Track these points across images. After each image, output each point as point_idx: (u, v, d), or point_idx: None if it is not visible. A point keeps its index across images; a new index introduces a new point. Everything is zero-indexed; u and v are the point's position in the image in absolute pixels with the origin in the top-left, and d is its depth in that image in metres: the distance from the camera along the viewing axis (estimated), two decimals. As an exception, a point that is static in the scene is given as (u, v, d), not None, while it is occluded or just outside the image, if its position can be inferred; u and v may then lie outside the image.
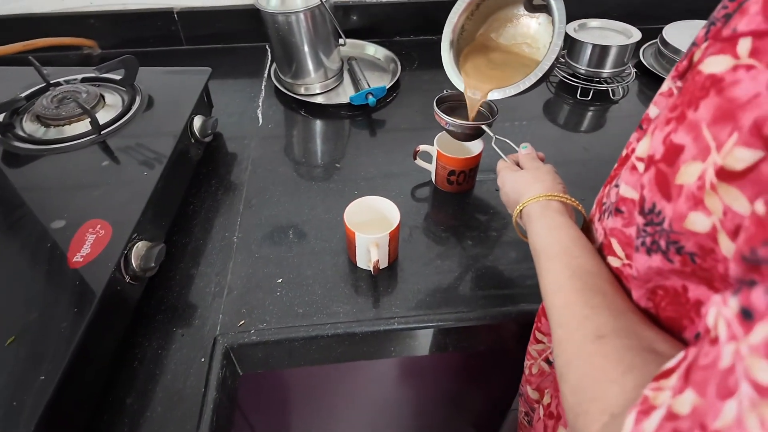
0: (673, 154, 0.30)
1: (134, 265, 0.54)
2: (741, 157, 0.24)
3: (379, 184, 0.77)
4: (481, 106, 0.69)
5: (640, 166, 0.34)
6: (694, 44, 0.34)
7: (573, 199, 0.50)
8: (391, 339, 0.59)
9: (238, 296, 0.60)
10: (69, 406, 0.44)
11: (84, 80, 0.78)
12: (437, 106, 0.67)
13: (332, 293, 0.61)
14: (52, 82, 0.75)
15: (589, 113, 0.96)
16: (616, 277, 0.40)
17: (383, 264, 0.62)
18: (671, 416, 0.23)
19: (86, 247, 0.52)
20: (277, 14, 0.84)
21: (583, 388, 0.33)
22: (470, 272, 0.63)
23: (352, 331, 0.56)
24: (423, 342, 0.60)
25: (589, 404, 0.31)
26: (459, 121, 0.65)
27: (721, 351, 0.22)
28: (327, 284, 0.62)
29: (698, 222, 0.27)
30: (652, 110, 0.40)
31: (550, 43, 0.60)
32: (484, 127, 0.65)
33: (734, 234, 0.25)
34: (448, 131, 0.69)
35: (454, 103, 0.70)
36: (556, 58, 0.60)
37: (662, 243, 0.31)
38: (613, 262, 0.40)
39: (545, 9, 0.62)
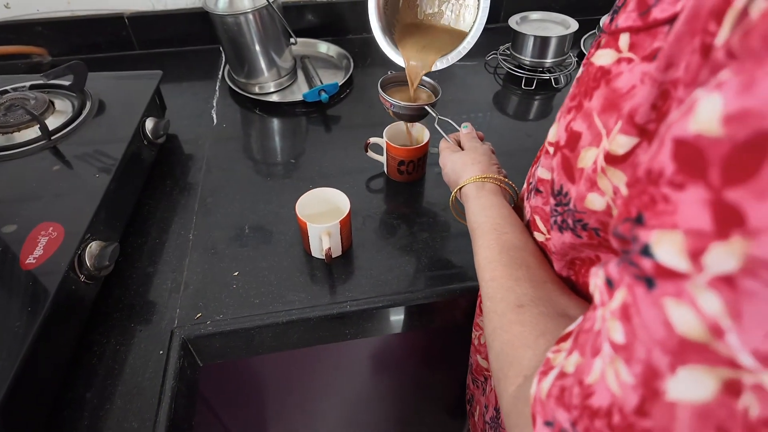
0: (573, 140, 0.33)
1: (88, 265, 0.55)
2: (622, 143, 0.27)
3: (334, 178, 0.79)
4: (424, 86, 0.71)
5: (551, 150, 0.38)
6: (603, 31, 0.38)
7: (506, 180, 0.53)
8: (344, 322, 0.61)
9: (195, 291, 0.62)
10: (26, 401, 0.45)
11: (32, 87, 0.78)
12: (381, 87, 0.69)
13: (288, 283, 0.63)
14: (-1, 90, 0.75)
15: (536, 102, 1.00)
16: (542, 250, 0.43)
17: (336, 252, 0.65)
18: (561, 375, 0.26)
19: (39, 249, 0.53)
20: (226, 16, 0.85)
21: (504, 354, 0.36)
22: (420, 255, 0.66)
23: (306, 316, 0.59)
24: (376, 323, 0.63)
25: (508, 369, 0.34)
26: (403, 103, 0.66)
27: (595, 315, 0.25)
28: (282, 275, 0.64)
29: (596, 201, 0.30)
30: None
31: (479, 3, 0.61)
32: (427, 107, 0.67)
33: None
34: (393, 113, 0.69)
35: (400, 84, 0.72)
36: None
37: (570, 221, 0.34)
38: (538, 236, 0.43)
39: None
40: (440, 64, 0.65)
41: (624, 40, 0.29)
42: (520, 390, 0.31)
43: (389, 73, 0.71)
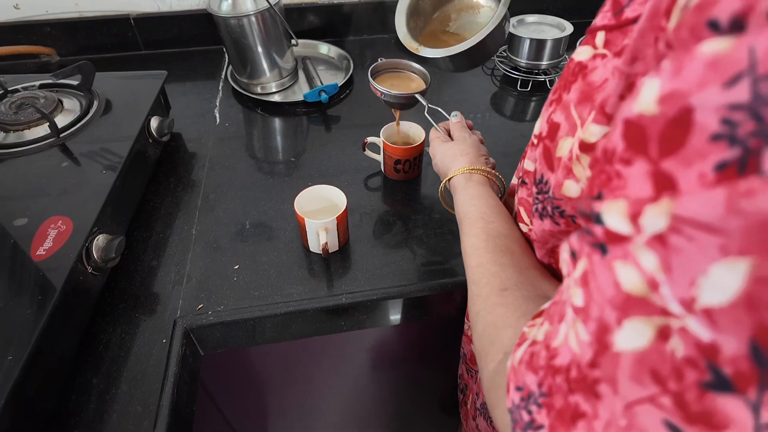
0: (553, 131, 0.35)
1: (95, 257, 0.57)
2: (594, 131, 0.29)
3: (333, 176, 0.81)
4: (415, 73, 0.73)
5: (536, 142, 0.40)
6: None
7: (493, 171, 0.56)
8: (340, 314, 0.64)
9: (197, 283, 0.64)
10: (36, 384, 0.48)
11: (42, 86, 0.80)
12: (372, 76, 0.70)
13: (286, 276, 0.65)
14: (10, 89, 0.78)
15: (532, 103, 1.02)
16: (527, 239, 0.45)
17: (333, 247, 0.67)
18: (533, 343, 0.29)
19: (48, 241, 0.56)
20: (229, 18, 0.88)
21: (486, 334, 0.38)
22: (415, 251, 0.69)
23: (303, 308, 0.61)
24: (371, 315, 0.65)
25: (489, 347, 0.37)
26: (393, 91, 0.68)
27: (563, 286, 0.27)
28: (281, 268, 0.66)
29: (571, 188, 0.32)
30: None
31: (491, 20, 0.62)
32: (417, 96, 0.68)
33: None
34: (384, 101, 0.71)
35: (390, 72, 0.73)
36: (485, 40, 0.61)
37: (549, 209, 0.36)
38: (523, 227, 0.45)
39: None
40: (426, 53, 0.66)
41: (600, 37, 0.32)
42: (500, 365, 0.33)
43: (379, 60, 0.72)
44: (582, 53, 0.34)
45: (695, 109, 0.18)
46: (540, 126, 0.38)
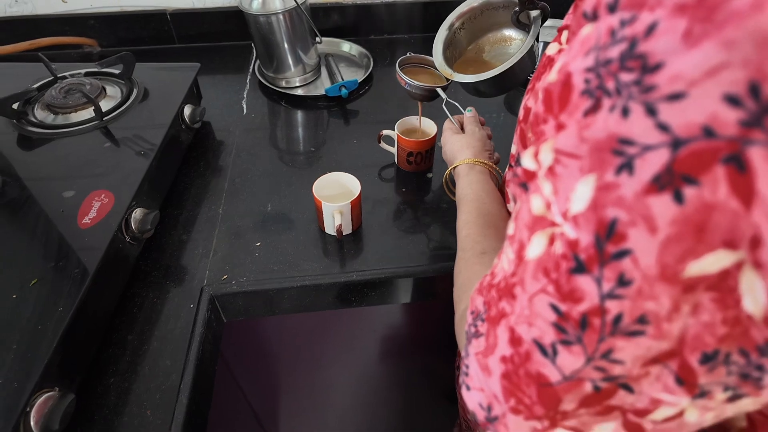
0: (527, 114, 0.41)
1: (133, 227, 0.64)
2: None
3: (350, 166, 0.87)
4: (435, 69, 0.78)
5: (516, 126, 0.46)
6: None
7: (494, 166, 0.62)
8: (350, 290, 0.69)
9: (222, 257, 0.70)
10: (81, 333, 0.54)
11: (87, 74, 0.88)
12: (399, 67, 0.76)
13: (303, 254, 0.71)
14: (59, 75, 0.85)
15: (543, 104, 1.06)
16: None
17: (347, 230, 0.73)
18: (483, 276, 0.35)
19: (93, 212, 0.63)
20: (259, 15, 0.94)
21: (463, 286, 0.45)
22: (422, 236, 0.74)
23: (317, 282, 0.67)
24: (379, 293, 0.71)
25: (463, 294, 0.44)
26: (417, 83, 0.74)
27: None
28: (299, 247, 0.72)
29: None
30: None
31: (519, 50, 0.68)
32: (438, 89, 0.74)
33: None
34: (407, 91, 0.77)
35: (415, 66, 0.80)
36: (514, 67, 0.66)
37: None
38: (510, 208, 0.52)
39: (528, 28, 0.70)
40: (459, 78, 0.72)
41: (564, 35, 0.38)
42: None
43: (408, 54, 0.78)
44: (551, 48, 0.40)
45: (572, 73, 0.25)
46: (519, 112, 0.44)
